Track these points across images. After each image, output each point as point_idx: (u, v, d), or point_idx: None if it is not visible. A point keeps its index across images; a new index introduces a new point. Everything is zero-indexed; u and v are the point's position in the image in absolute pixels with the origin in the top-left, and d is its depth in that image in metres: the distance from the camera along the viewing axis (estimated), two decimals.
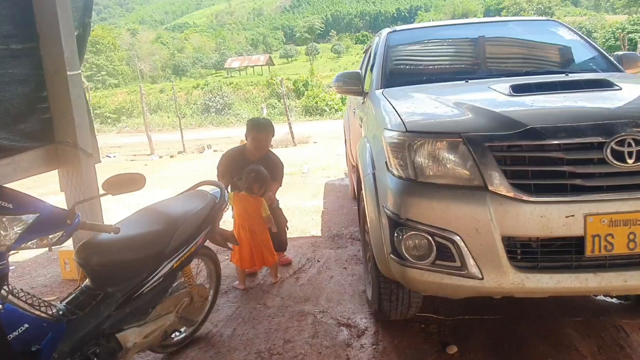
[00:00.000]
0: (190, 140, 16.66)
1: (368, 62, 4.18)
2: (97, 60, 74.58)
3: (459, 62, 3.25)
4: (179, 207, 2.36)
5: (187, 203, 2.43)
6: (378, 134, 2.33)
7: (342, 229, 4.69)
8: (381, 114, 2.45)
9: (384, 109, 2.47)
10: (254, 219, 3.35)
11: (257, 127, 3.59)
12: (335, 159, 9.61)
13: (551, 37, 3.33)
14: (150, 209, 2.33)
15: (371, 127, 2.72)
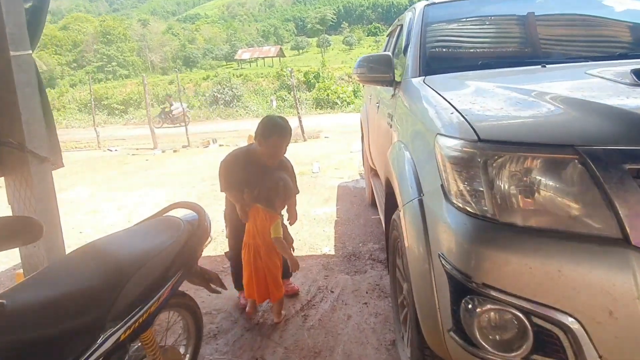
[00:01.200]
0: (197, 134, 15.98)
1: (395, 46, 3.43)
2: (108, 51, 74.40)
3: (523, 42, 2.47)
4: (135, 245, 1.64)
5: (148, 237, 1.71)
6: (426, 141, 1.60)
7: (360, 245, 3.96)
8: (427, 111, 1.71)
9: (431, 104, 1.73)
10: (262, 238, 2.66)
11: (281, 132, 2.71)
12: (348, 157, 8.86)
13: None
14: (91, 250, 1.60)
15: (408, 128, 1.98)
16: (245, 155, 2.82)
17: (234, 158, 2.80)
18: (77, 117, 28.16)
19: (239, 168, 2.77)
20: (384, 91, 2.94)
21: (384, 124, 2.76)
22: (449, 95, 1.67)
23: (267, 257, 2.67)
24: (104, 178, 8.31)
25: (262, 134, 2.70)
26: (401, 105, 2.25)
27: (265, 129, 2.71)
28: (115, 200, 6.32)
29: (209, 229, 1.93)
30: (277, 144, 2.71)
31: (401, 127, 2.15)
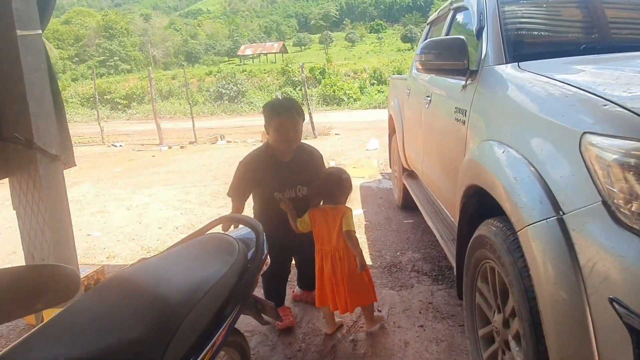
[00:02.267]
0: (202, 129, 15.62)
1: (448, 34, 3.05)
2: (110, 46, 73.87)
3: (628, 26, 2.10)
4: (181, 276, 1.27)
5: (197, 264, 1.34)
6: (560, 142, 1.23)
7: (398, 254, 3.59)
8: (556, 103, 1.34)
9: (557, 94, 1.36)
10: (337, 239, 2.33)
11: (279, 111, 2.42)
12: (364, 155, 8.50)
13: None
14: (123, 284, 1.22)
15: (511, 125, 1.60)
16: (263, 154, 2.51)
17: (254, 161, 2.50)
18: (79, 112, 27.79)
19: (262, 170, 2.44)
20: (444, 82, 2.56)
21: (447, 121, 2.38)
22: (584, 84, 1.29)
23: (346, 259, 2.32)
24: (109, 175, 7.95)
25: (265, 121, 2.47)
26: (486, 97, 1.88)
27: (266, 114, 2.46)
28: (123, 199, 5.96)
29: (266, 249, 1.56)
30: (282, 125, 2.39)
31: (490, 124, 1.78)
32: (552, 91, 1.40)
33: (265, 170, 2.44)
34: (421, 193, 3.71)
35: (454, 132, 2.24)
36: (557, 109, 1.31)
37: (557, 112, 1.31)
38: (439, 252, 3.56)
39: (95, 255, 3.98)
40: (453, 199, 2.33)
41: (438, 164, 2.67)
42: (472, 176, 1.79)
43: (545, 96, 1.41)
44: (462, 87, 2.17)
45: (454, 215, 2.43)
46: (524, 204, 1.30)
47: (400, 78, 4.72)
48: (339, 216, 2.31)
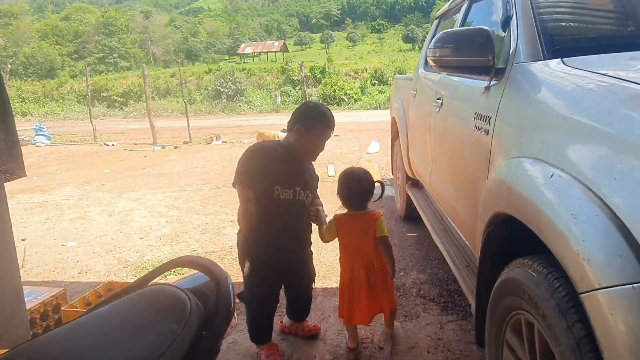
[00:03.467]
0: (198, 129, 15.24)
1: (462, 27, 2.66)
2: (110, 43, 73.46)
3: None
4: (103, 354, 0.88)
5: (128, 335, 0.96)
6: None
7: (401, 274, 3.21)
8: (618, 113, 0.96)
9: (625, 101, 0.98)
10: (372, 245, 2.19)
11: (329, 122, 2.19)
12: (365, 159, 8.12)
13: None
14: None
15: (562, 140, 1.22)
16: (279, 149, 2.21)
17: (265, 147, 2.20)
18: (75, 109, 27.41)
19: (272, 159, 2.13)
20: (460, 83, 2.19)
21: (463, 128, 2.01)
22: None
23: (380, 266, 2.21)
24: (96, 176, 7.57)
25: (305, 123, 2.15)
26: (518, 101, 1.51)
27: (310, 117, 2.17)
28: (106, 204, 5.58)
29: (233, 304, 1.18)
30: (321, 137, 2.19)
31: (527, 136, 1.39)
32: (624, 96, 1.02)
33: (276, 160, 2.14)
34: (428, 206, 3.34)
35: (473, 143, 1.86)
36: (636, 122, 0.94)
37: (636, 126, 0.93)
38: (447, 272, 3.18)
39: (67, 269, 3.60)
40: (470, 222, 1.96)
41: (451, 179, 2.29)
42: (501, 202, 1.42)
43: (616, 103, 1.03)
44: (484, 89, 1.79)
45: (471, 241, 2.05)
46: (592, 255, 0.92)
47: (404, 78, 4.34)
48: (372, 223, 2.18)
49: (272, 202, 2.09)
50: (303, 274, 2.37)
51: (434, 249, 3.60)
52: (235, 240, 2.26)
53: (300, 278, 2.37)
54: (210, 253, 3.81)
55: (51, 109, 28.03)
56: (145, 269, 3.50)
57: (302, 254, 2.33)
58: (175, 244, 4.07)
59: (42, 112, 27.37)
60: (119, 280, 3.31)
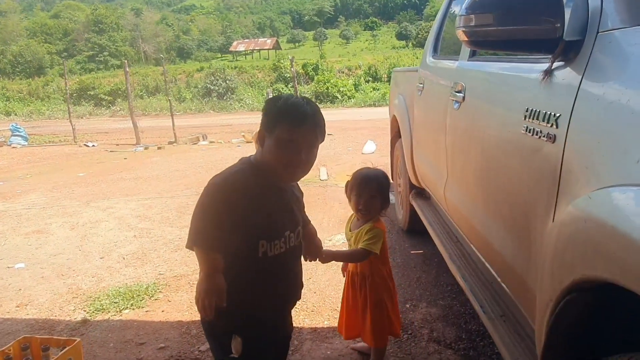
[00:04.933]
0: (186, 128, 14.63)
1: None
2: (100, 40, 72.42)
3: None
4: None
5: None
6: None
7: (408, 307, 2.63)
8: None
9: None
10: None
11: (296, 117, 1.37)
12: (360, 160, 7.54)
13: None
14: None
15: None
16: (250, 174, 1.41)
17: (233, 181, 1.37)
18: (61, 108, 26.60)
19: (247, 199, 1.36)
20: (498, 69, 1.61)
21: (507, 131, 1.43)
22: None
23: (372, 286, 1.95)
24: (68, 181, 6.93)
25: (266, 124, 1.39)
26: (613, 94, 0.93)
27: (272, 115, 1.39)
28: (71, 214, 4.96)
29: None
30: (290, 141, 1.36)
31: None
32: None
33: (252, 200, 1.38)
34: (438, 223, 2.76)
35: (524, 153, 1.28)
36: None
37: None
38: (463, 304, 2.61)
39: (4, 300, 2.99)
40: (518, 269, 1.38)
41: (482, 200, 1.71)
42: (594, 260, 0.84)
43: None
44: (542, 75, 1.21)
45: (517, 294, 1.47)
46: None
47: (407, 70, 3.76)
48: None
49: (258, 262, 1.41)
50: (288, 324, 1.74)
51: (445, 270, 3.04)
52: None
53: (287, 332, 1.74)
54: (180, 277, 3.21)
55: (36, 108, 27.22)
56: (99, 299, 2.90)
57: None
58: (140, 265, 3.47)
59: (27, 111, 26.56)
60: (62, 317, 2.71)
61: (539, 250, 1.20)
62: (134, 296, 2.91)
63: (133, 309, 2.77)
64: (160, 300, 2.87)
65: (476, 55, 2.04)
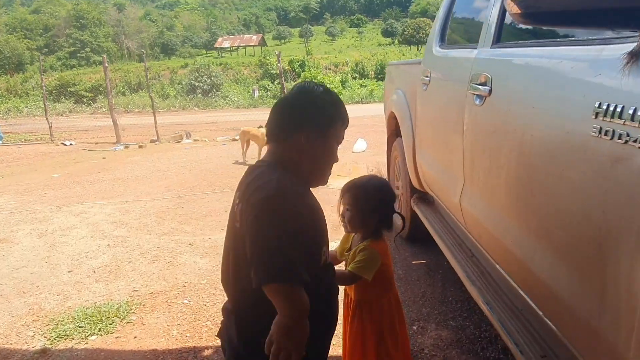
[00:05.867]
0: (170, 125, 14.16)
1: None
2: (81, 36, 70.99)
3: None
4: None
5: None
6: None
7: (415, 329, 2.33)
8: None
9: None
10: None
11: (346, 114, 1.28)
12: (349, 158, 7.24)
13: None
14: None
15: None
16: (298, 182, 1.21)
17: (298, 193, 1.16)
18: (40, 105, 25.73)
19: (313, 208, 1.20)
20: (541, 55, 1.29)
21: (567, 133, 1.12)
22: None
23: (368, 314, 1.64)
24: (42, 182, 6.49)
25: (318, 122, 1.21)
26: None
27: (324, 111, 1.23)
28: (40, 220, 4.56)
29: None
30: (340, 138, 1.29)
31: None
32: None
33: (315, 208, 1.22)
34: (447, 233, 2.45)
35: (597, 165, 0.98)
36: None
37: None
38: (476, 325, 2.32)
39: None
40: (576, 312, 1.07)
41: (521, 218, 1.39)
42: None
43: None
44: (628, 58, 0.90)
45: (577, 343, 1.16)
46: None
47: (407, 63, 3.45)
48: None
49: (321, 272, 1.22)
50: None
51: (452, 284, 2.76)
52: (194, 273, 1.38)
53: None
54: (156, 294, 2.86)
55: (14, 105, 26.36)
56: (62, 323, 2.54)
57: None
58: (113, 280, 3.11)
59: (5, 108, 25.70)
60: (18, 346, 2.35)
61: (621, 296, 0.89)
62: (103, 319, 2.55)
63: (101, 334, 2.41)
64: (133, 324, 2.52)
65: (501, 41, 1.73)
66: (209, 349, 2.26)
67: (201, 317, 2.56)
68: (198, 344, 2.30)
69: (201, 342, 2.31)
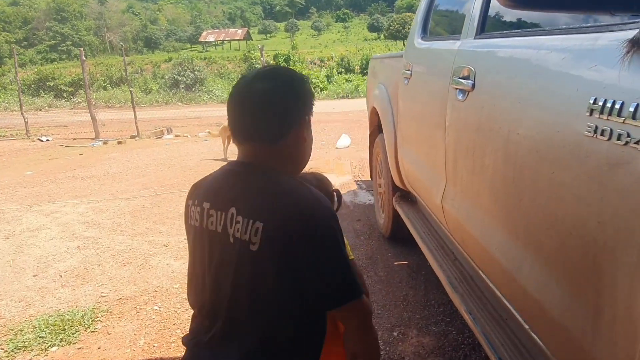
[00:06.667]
0: (152, 120, 13.90)
1: None
2: (62, 29, 69.62)
3: None
4: None
5: None
6: None
7: (395, 335, 2.22)
8: None
9: None
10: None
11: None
12: (333, 155, 7.13)
13: None
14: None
15: None
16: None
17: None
18: (18, 100, 25.16)
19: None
20: (528, 45, 1.18)
21: (558, 132, 1.01)
22: None
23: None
24: (13, 180, 6.25)
25: (310, 107, 1.09)
26: None
27: (309, 95, 1.09)
28: (8, 221, 4.36)
29: None
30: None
31: None
32: None
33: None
34: (429, 235, 2.35)
35: (592, 168, 0.86)
36: None
37: None
38: (459, 331, 2.22)
39: None
40: (566, 330, 0.96)
41: (507, 223, 1.28)
42: None
43: None
44: (628, 46, 0.78)
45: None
46: None
47: (389, 57, 3.32)
48: None
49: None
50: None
51: (434, 286, 2.66)
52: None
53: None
54: (125, 300, 2.71)
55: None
56: (22, 332, 2.38)
57: None
58: (80, 285, 2.94)
59: None
60: None
61: (618, 319, 0.79)
62: (66, 328, 2.40)
63: (62, 345, 2.26)
64: (98, 333, 2.37)
65: (486, 31, 1.61)
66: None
67: (171, 325, 2.42)
68: (166, 355, 2.16)
69: (169, 353, 2.17)
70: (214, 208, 1.01)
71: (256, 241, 0.92)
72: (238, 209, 0.96)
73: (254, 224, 0.93)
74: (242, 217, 0.95)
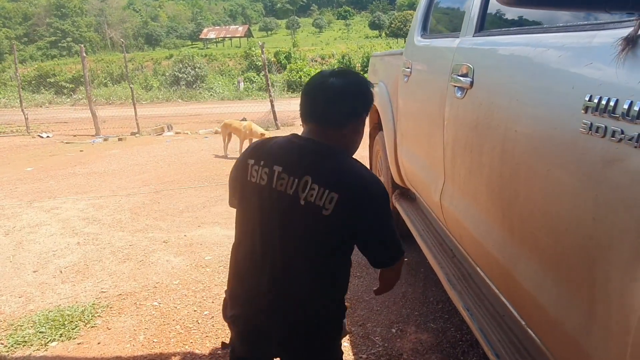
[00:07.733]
0: (152, 117, 13.89)
1: None
2: (62, 26, 69.54)
3: None
4: None
5: None
6: None
7: (394, 332, 2.23)
8: None
9: None
10: None
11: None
12: None
13: None
14: None
15: None
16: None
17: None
18: (19, 96, 25.16)
19: None
20: (527, 43, 1.18)
21: (554, 129, 1.01)
22: None
23: None
24: (13, 176, 6.27)
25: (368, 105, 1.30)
26: None
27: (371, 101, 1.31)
28: (8, 217, 4.37)
29: None
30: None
31: None
32: None
33: None
34: (429, 233, 2.35)
35: (588, 166, 0.87)
36: None
37: None
38: (457, 328, 2.23)
39: None
40: (561, 326, 0.97)
41: (504, 220, 1.28)
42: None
43: None
44: (623, 44, 0.79)
45: (562, 357, 1.06)
46: None
47: (389, 54, 3.33)
48: None
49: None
50: None
51: (433, 284, 2.67)
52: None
53: None
54: (125, 296, 2.72)
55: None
56: (22, 328, 2.39)
57: None
58: (80, 281, 2.96)
59: None
60: None
61: (612, 314, 0.79)
62: (66, 323, 2.41)
63: (62, 340, 2.27)
64: (98, 328, 2.38)
65: (484, 29, 1.62)
66: (177, 355, 2.14)
67: (170, 321, 2.43)
68: (165, 350, 2.17)
69: (169, 348, 2.18)
70: (287, 172, 1.17)
71: (330, 207, 1.11)
72: (313, 178, 1.13)
73: (329, 193, 1.11)
74: (317, 186, 1.12)
